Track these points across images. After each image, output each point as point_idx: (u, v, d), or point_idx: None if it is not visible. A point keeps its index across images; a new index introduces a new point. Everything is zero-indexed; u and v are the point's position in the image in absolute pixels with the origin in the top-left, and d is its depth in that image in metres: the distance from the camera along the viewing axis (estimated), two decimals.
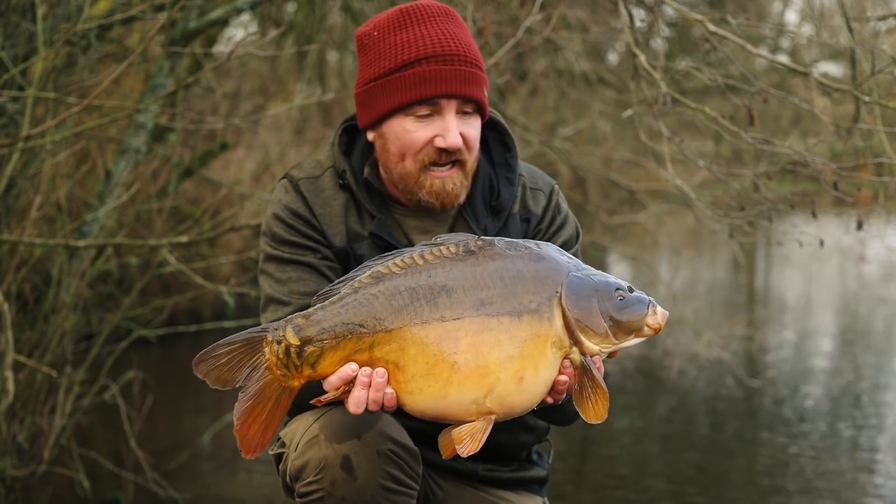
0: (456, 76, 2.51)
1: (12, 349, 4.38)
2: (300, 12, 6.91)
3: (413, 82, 2.52)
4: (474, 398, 2.19)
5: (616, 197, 11.92)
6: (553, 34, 6.65)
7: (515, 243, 2.28)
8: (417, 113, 2.53)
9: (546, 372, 2.22)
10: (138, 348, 6.61)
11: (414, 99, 2.51)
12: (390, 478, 2.35)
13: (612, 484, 5.89)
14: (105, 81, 4.41)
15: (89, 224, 5.49)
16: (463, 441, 2.21)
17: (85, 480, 5.26)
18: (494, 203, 2.65)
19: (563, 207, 2.75)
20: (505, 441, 2.69)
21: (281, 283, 2.54)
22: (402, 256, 2.24)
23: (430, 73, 2.50)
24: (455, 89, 2.51)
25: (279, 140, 9.68)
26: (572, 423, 2.68)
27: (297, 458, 2.37)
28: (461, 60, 2.52)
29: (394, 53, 2.54)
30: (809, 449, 6.49)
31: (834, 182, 4.16)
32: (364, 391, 2.19)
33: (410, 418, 2.30)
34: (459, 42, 2.54)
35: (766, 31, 11.00)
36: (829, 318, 12.31)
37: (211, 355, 2.21)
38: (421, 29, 2.54)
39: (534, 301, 2.20)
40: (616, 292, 2.25)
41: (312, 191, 2.61)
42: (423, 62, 2.51)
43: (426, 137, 2.53)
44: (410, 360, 2.18)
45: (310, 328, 2.20)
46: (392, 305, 2.19)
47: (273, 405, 2.22)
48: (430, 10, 2.57)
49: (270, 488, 5.52)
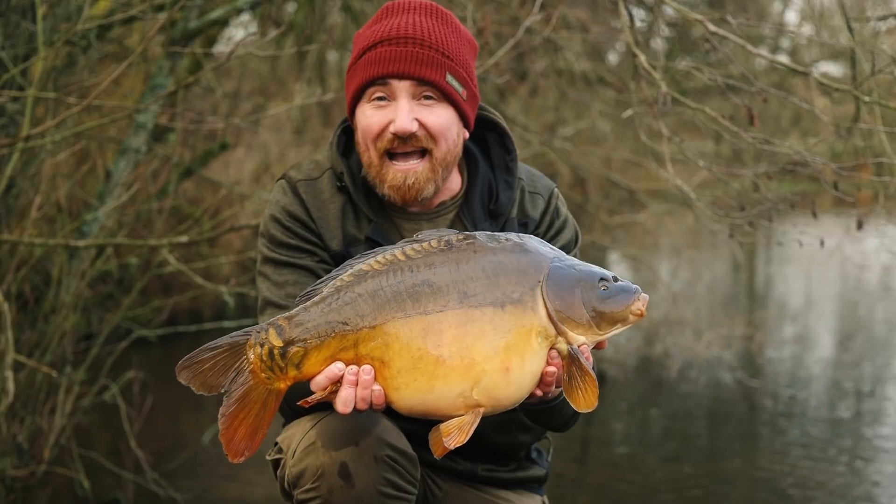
0: (406, 56, 2.46)
1: (12, 349, 4.38)
2: (300, 12, 6.91)
3: (365, 65, 2.49)
4: (461, 391, 2.18)
5: (616, 197, 11.92)
6: (553, 34, 6.65)
7: (497, 236, 2.26)
8: (374, 96, 2.49)
9: (532, 362, 2.20)
10: (138, 348, 6.61)
11: (365, 80, 2.48)
12: (388, 484, 2.33)
13: (612, 484, 5.89)
14: (105, 81, 4.41)
15: (89, 224, 5.49)
16: (450, 434, 2.19)
17: (85, 480, 5.26)
18: (493, 207, 2.62)
19: (562, 211, 2.72)
20: (503, 442, 2.67)
21: (278, 287, 2.53)
22: (383, 254, 2.23)
23: (380, 55, 2.46)
24: (403, 69, 2.45)
25: (279, 140, 9.68)
26: (571, 428, 2.65)
27: (294, 466, 2.36)
28: (417, 43, 2.47)
29: (362, 44, 2.52)
30: (809, 449, 6.49)
31: (834, 182, 4.16)
32: (352, 389, 2.18)
33: (403, 419, 2.28)
34: (423, 28, 2.49)
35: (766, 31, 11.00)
36: (829, 318, 12.30)
37: (194, 361, 2.19)
38: (390, 19, 2.51)
39: (517, 291, 2.19)
40: (600, 283, 2.23)
41: (310, 193, 2.59)
42: (377, 46, 2.48)
43: (382, 123, 2.48)
44: (395, 355, 2.17)
45: (293, 329, 2.19)
46: (375, 302, 2.18)
47: (259, 408, 2.20)
48: (410, 5, 2.54)
49: (270, 488, 5.52)
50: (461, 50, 2.53)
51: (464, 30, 2.60)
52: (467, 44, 2.58)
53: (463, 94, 2.52)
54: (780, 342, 10.37)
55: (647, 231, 11.48)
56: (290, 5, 7.96)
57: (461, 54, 2.53)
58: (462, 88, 2.52)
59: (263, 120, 8.29)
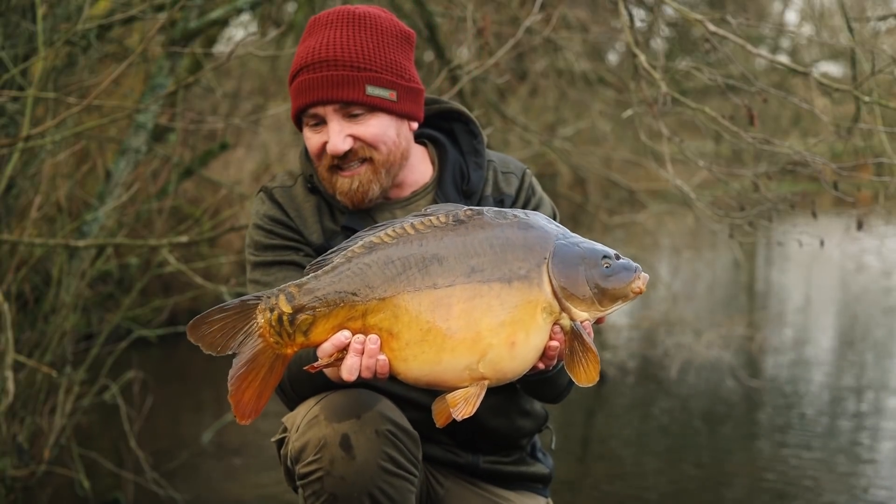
0: (322, 83, 2.55)
1: (12, 349, 4.38)
2: (300, 12, 6.91)
3: (294, 95, 2.60)
4: (468, 363, 2.22)
5: (616, 197, 11.92)
6: (553, 34, 6.65)
7: (504, 212, 2.31)
8: (309, 122, 2.61)
9: (537, 337, 2.25)
10: (138, 348, 6.61)
11: (296, 109, 2.60)
12: (389, 459, 2.37)
13: (612, 484, 5.89)
14: (105, 81, 4.41)
15: (89, 224, 5.49)
16: (458, 405, 2.24)
17: (85, 480, 5.26)
18: (465, 188, 2.71)
19: (537, 189, 2.80)
20: (503, 427, 2.71)
21: (269, 286, 2.56)
22: (393, 227, 2.28)
23: (301, 84, 2.57)
24: (322, 95, 2.55)
25: (279, 140, 9.68)
26: (562, 399, 2.71)
27: (297, 440, 2.41)
28: (330, 65, 2.55)
29: (292, 67, 2.64)
30: (809, 449, 6.49)
31: (834, 182, 4.16)
32: (357, 358, 2.22)
33: (403, 385, 2.32)
34: (336, 46, 2.56)
35: (766, 31, 11.00)
36: (829, 318, 12.31)
37: (205, 321, 2.25)
38: (311, 39, 2.61)
39: (523, 268, 2.24)
40: (603, 260, 2.28)
41: (287, 197, 2.70)
42: (300, 73, 2.59)
43: (320, 143, 2.60)
44: (404, 327, 2.21)
45: (302, 296, 2.24)
46: (385, 274, 2.23)
47: (267, 371, 2.25)
48: (328, 18, 2.62)
49: (271, 488, 5.53)
50: (382, 52, 2.59)
51: (389, 25, 2.63)
52: (392, 40, 2.63)
53: (392, 97, 2.60)
54: (779, 342, 10.38)
55: (647, 231, 11.49)
56: (290, 5, 7.96)
57: (382, 57, 2.59)
58: (389, 91, 2.59)
59: (263, 120, 8.30)
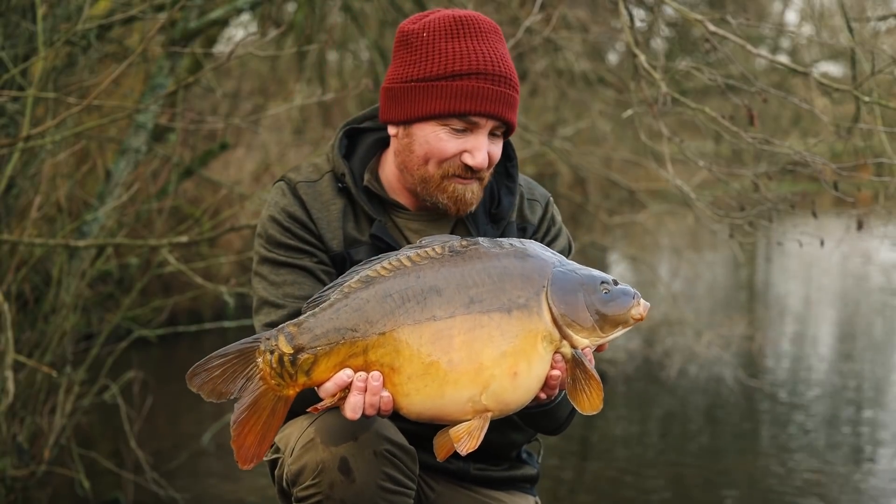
0: (499, 98, 2.51)
1: (12, 349, 4.38)
2: (300, 12, 6.91)
3: (458, 94, 2.51)
4: (470, 396, 2.19)
5: (616, 197, 11.91)
6: (553, 34, 6.65)
7: (499, 242, 2.29)
8: (453, 125, 2.52)
9: (538, 366, 2.22)
10: (138, 348, 6.61)
11: (456, 111, 2.50)
12: (388, 478, 2.35)
13: (611, 484, 5.89)
14: (105, 81, 4.41)
15: (89, 224, 5.49)
16: (461, 439, 2.21)
17: (85, 480, 5.26)
18: (495, 211, 2.66)
19: (557, 219, 2.77)
20: (495, 440, 2.67)
21: (275, 286, 2.53)
22: (388, 259, 2.25)
23: (476, 90, 2.50)
24: (495, 110, 2.51)
25: (279, 140, 9.68)
26: (563, 431, 2.67)
27: (293, 463, 2.37)
28: (504, 82, 2.52)
29: (443, 60, 2.52)
30: (809, 449, 6.49)
31: (834, 182, 4.16)
32: (360, 396, 2.19)
33: (404, 421, 2.29)
34: (507, 64, 2.54)
35: (766, 31, 11.00)
36: (829, 318, 12.31)
37: (204, 368, 2.20)
38: (473, 42, 2.54)
39: (522, 297, 2.22)
40: (601, 286, 2.26)
41: (310, 194, 2.60)
42: (472, 77, 2.50)
43: (455, 150, 2.52)
44: (406, 361, 2.18)
45: (302, 336, 2.20)
46: (384, 308, 2.19)
47: (269, 415, 2.22)
48: (482, 25, 2.56)
49: (270, 488, 5.52)
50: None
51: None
52: None
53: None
54: (780, 342, 10.38)
55: (647, 231, 11.48)
56: (290, 5, 7.96)
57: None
58: None
59: (263, 120, 8.29)
